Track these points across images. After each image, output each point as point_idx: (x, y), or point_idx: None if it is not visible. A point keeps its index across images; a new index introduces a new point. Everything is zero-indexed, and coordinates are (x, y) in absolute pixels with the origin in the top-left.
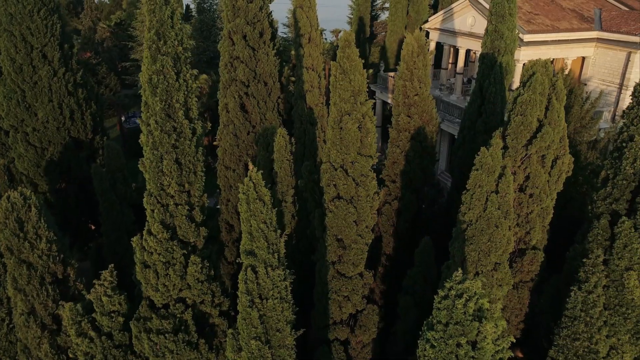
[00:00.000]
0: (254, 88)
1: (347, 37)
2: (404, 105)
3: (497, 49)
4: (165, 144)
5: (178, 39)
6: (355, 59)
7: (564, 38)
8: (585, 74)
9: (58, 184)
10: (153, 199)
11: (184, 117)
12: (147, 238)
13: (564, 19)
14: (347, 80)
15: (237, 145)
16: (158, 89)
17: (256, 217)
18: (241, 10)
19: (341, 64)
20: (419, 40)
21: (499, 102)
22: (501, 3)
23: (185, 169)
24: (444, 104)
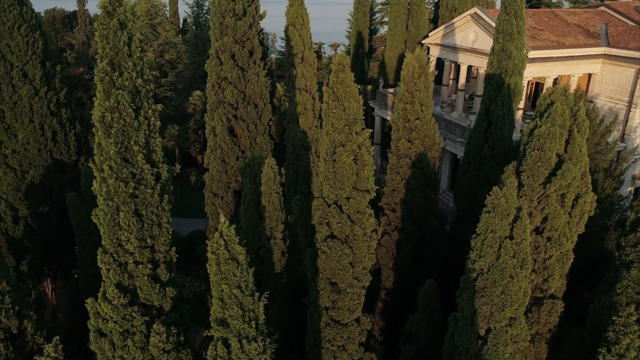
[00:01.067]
0: (243, 110)
1: (341, 60)
2: (404, 130)
3: (505, 69)
4: (121, 194)
5: (137, 69)
6: (350, 85)
7: (569, 54)
8: (592, 91)
9: (40, 208)
10: (108, 257)
11: (145, 161)
12: (102, 303)
13: (570, 35)
14: (341, 108)
15: (225, 171)
16: (112, 129)
17: (228, 280)
18: (229, 28)
19: (334, 90)
20: (420, 60)
21: (507, 126)
22: (509, 20)
23: (148, 222)
24: (445, 122)
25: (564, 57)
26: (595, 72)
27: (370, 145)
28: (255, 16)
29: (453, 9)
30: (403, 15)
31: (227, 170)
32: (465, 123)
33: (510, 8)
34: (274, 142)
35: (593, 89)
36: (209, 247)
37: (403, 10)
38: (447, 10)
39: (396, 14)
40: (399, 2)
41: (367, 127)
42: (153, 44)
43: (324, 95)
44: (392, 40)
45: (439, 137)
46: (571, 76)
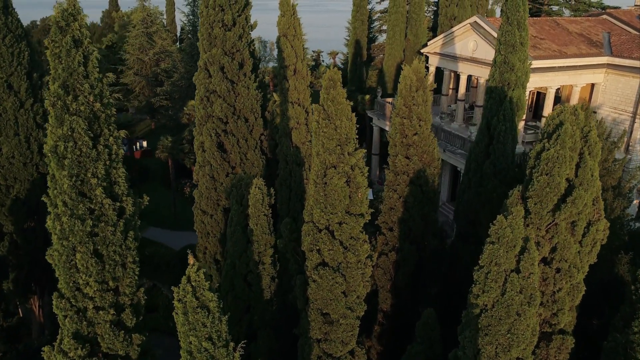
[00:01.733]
0: (233, 125)
1: (332, 75)
2: (401, 145)
3: (507, 82)
4: (78, 232)
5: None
6: (341, 102)
7: (572, 64)
8: (595, 101)
9: (25, 223)
10: (64, 302)
11: (105, 194)
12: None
13: (572, 44)
14: (332, 127)
15: (215, 188)
16: (66, 159)
17: (198, 331)
18: (218, 39)
19: (325, 108)
20: (417, 73)
21: (510, 141)
22: (511, 31)
23: (109, 262)
24: (444, 133)
25: (566, 67)
26: (598, 82)
27: (365, 165)
28: (245, 27)
29: (452, 17)
30: (402, 23)
31: (216, 187)
32: (465, 134)
33: (513, 18)
34: (266, 158)
35: (596, 100)
36: (175, 294)
37: (402, 18)
38: (446, 18)
39: (395, 22)
40: (397, 11)
41: (365, 137)
42: (149, 53)
43: (315, 113)
44: (390, 48)
45: (438, 152)
46: (574, 86)
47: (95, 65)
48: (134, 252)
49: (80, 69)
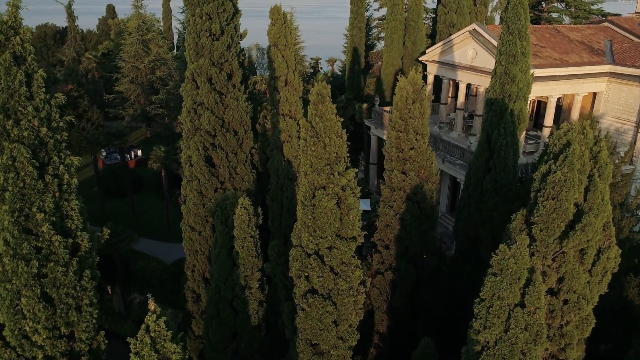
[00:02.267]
0: (221, 138)
1: (321, 90)
2: (397, 160)
3: (508, 93)
4: (22, 274)
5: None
6: (331, 118)
7: (573, 73)
8: (597, 110)
9: None
10: (10, 352)
11: (55, 230)
12: None
13: (573, 52)
14: (321, 145)
15: (203, 204)
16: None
17: None
18: (205, 49)
19: (313, 124)
20: (414, 84)
21: (511, 156)
22: (512, 41)
23: (61, 306)
24: (443, 143)
25: (568, 76)
26: (600, 91)
27: (356, 186)
28: (234, 36)
29: (451, 24)
30: (400, 31)
31: (204, 203)
32: (464, 144)
33: (514, 27)
34: (257, 172)
35: (598, 109)
36: (132, 346)
37: (400, 26)
38: (444, 25)
39: (392, 29)
40: (395, 18)
41: (362, 146)
42: (144, 61)
43: (301, 130)
44: (388, 56)
45: (436, 167)
46: (575, 95)
47: (40, 85)
48: (92, 293)
49: (23, 89)
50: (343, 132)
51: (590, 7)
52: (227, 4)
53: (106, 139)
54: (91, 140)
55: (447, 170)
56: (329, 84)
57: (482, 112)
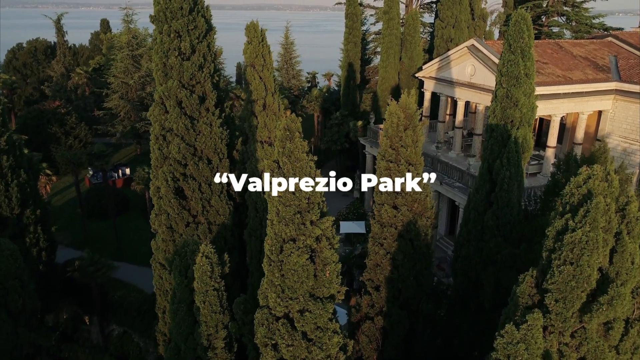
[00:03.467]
0: (193, 167)
1: (289, 125)
2: (388, 194)
3: (510, 119)
4: None
5: None
6: (301, 158)
7: (578, 90)
8: (603, 129)
9: None
10: None
11: None
12: None
13: (577, 69)
14: (289, 190)
15: (173, 240)
16: None
17: None
18: (174, 70)
19: (280, 165)
20: (406, 109)
21: (515, 189)
22: (514, 61)
23: None
24: (441, 164)
25: (572, 93)
26: (606, 109)
27: (335, 234)
28: (207, 55)
29: (449, 39)
30: (396, 46)
31: (175, 239)
32: (463, 165)
33: (516, 46)
34: (234, 203)
35: (604, 128)
36: None
37: (396, 40)
38: (442, 40)
39: (388, 44)
40: (391, 33)
41: (357, 164)
42: (134, 76)
43: (266, 170)
44: (384, 72)
45: (432, 200)
46: (580, 114)
47: None
48: None
49: None
50: (317, 171)
51: (592, 21)
52: (199, 21)
53: (87, 160)
54: (72, 160)
55: (445, 193)
56: (325, 99)
57: (482, 131)
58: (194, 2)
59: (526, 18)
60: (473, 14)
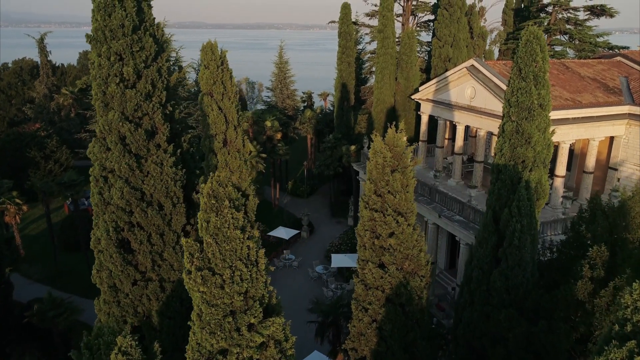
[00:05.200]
0: (140, 215)
1: (215, 190)
2: (372, 250)
3: (522, 159)
4: None
5: None
6: (233, 237)
7: (588, 114)
8: (616, 157)
9: None
10: None
11: None
12: None
13: (586, 91)
14: (216, 284)
15: (117, 301)
16: None
17: None
18: (115, 99)
19: (205, 246)
20: (394, 147)
21: (528, 245)
22: (526, 89)
23: None
24: (440, 194)
25: (582, 118)
26: (618, 135)
27: (288, 338)
28: (156, 81)
29: (447, 58)
30: (391, 65)
31: (119, 301)
32: (464, 196)
33: (528, 71)
34: None
35: (617, 155)
36: None
37: (391, 60)
38: (440, 60)
39: (383, 64)
40: (386, 52)
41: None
42: None
43: (185, 256)
44: (379, 93)
45: (426, 256)
46: (591, 140)
47: None
48: None
49: None
50: (261, 252)
51: (596, 40)
52: (146, 40)
53: (58, 189)
54: (42, 189)
55: (444, 226)
56: (318, 121)
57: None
58: (140, 19)
59: (539, 37)
60: (472, 32)
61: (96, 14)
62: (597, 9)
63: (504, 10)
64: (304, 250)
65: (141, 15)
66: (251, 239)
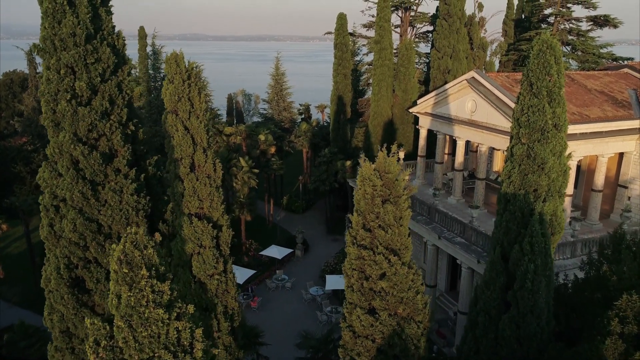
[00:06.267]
0: (97, 250)
1: (131, 253)
2: (361, 293)
3: (534, 187)
4: None
5: None
6: (153, 318)
7: (596, 130)
8: (626, 174)
9: None
10: None
11: None
12: None
13: (593, 105)
14: None
15: (72, 349)
16: None
17: None
18: (66, 118)
19: (115, 332)
20: (385, 173)
21: (544, 289)
22: (538, 107)
23: None
24: (439, 214)
25: (590, 134)
26: (628, 151)
27: None
28: (116, 97)
29: (446, 70)
30: (388, 77)
31: (73, 348)
32: (465, 216)
33: (541, 86)
34: None
35: (627, 172)
36: None
37: (388, 72)
38: (439, 71)
39: (380, 76)
40: (383, 64)
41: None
42: None
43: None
44: (376, 106)
45: (424, 299)
46: (599, 157)
47: None
48: None
49: None
50: (198, 332)
51: (599, 51)
52: (103, 51)
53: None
54: (21, 208)
55: (445, 248)
56: (314, 134)
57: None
58: (97, 27)
59: (554, 46)
60: (472, 43)
61: (44, 20)
62: (600, 19)
63: (504, 21)
64: (298, 269)
65: (98, 23)
66: (181, 317)
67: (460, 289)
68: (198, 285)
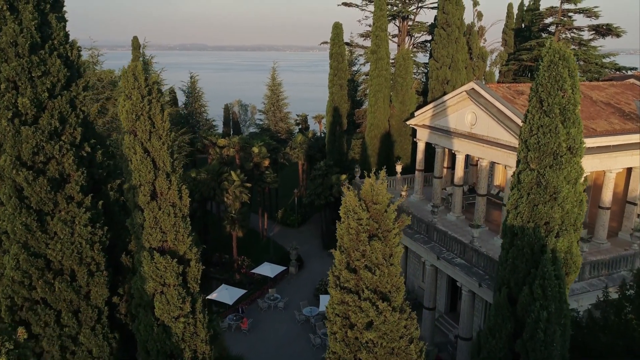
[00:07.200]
0: (44, 289)
1: None
2: (345, 344)
3: (545, 220)
4: None
5: None
6: None
7: (603, 144)
8: (635, 190)
9: None
10: None
11: None
12: None
13: (600, 117)
14: None
15: None
16: None
17: None
18: (7, 139)
19: None
20: (373, 204)
21: (558, 340)
22: (550, 127)
23: None
24: (438, 232)
25: (596, 148)
26: (637, 166)
27: None
28: (68, 115)
29: (445, 81)
30: (385, 88)
31: None
32: (465, 235)
33: (552, 103)
34: (120, 338)
35: (635, 188)
36: None
37: (385, 83)
38: (437, 82)
39: (377, 87)
40: (379, 74)
41: None
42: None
43: None
44: (372, 117)
45: (418, 347)
46: (607, 172)
47: None
48: None
49: None
50: None
51: (602, 61)
52: (52, 63)
53: None
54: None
55: (444, 269)
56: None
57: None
58: (44, 35)
59: (567, 57)
60: (471, 53)
61: None
62: (603, 28)
63: (504, 30)
64: (291, 288)
65: (46, 31)
66: None
67: (461, 312)
68: (161, 329)
